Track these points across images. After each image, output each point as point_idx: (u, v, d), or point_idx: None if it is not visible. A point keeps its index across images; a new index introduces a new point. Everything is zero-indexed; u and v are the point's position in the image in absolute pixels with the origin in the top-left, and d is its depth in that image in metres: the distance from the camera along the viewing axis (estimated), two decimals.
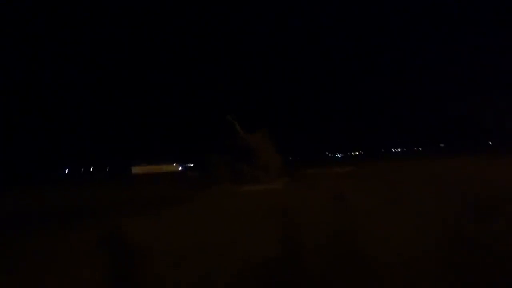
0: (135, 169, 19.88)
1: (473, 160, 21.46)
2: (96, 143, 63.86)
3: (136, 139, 72.54)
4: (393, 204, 6.93)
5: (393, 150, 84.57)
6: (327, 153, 70.10)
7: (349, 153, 74.59)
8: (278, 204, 8.22)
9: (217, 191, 12.16)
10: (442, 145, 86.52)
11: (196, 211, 8.10)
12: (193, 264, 3.71)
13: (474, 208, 5.57)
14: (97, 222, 6.49)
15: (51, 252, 4.65)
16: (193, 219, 6.86)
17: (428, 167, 19.23)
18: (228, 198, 10.37)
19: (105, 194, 13.82)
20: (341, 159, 60.74)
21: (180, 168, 21.93)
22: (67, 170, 47.62)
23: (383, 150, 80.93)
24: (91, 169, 48.74)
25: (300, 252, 3.93)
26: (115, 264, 3.69)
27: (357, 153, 74.68)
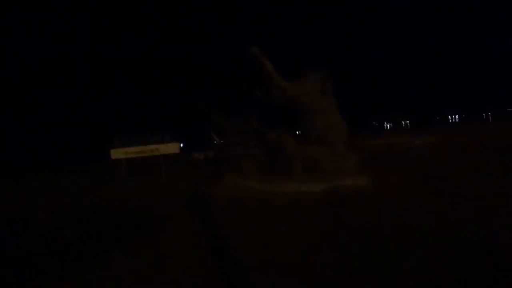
0: (116, 153, 14.31)
1: None
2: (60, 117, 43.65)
3: (116, 105, 47.22)
4: None
5: (450, 117, 71.63)
6: (374, 122, 59.35)
7: (402, 122, 63.22)
8: None
9: (226, 195, 6.16)
10: (510, 109, 70.65)
11: None
12: None
13: None
14: None
15: None
16: None
17: None
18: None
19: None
20: (393, 128, 50.74)
21: (180, 149, 16.09)
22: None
23: (438, 118, 68.43)
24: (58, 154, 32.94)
25: None
26: None
27: (408, 121, 63.57)
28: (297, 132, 8.80)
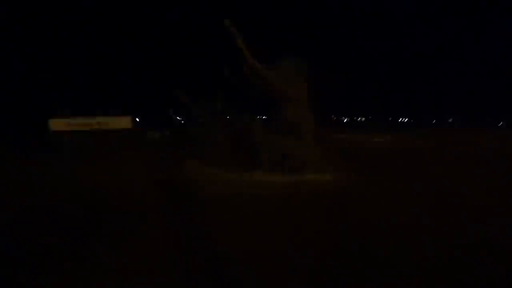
0: (56, 124, 12.34)
1: None
2: None
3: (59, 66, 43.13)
4: None
5: (400, 119, 77.64)
6: (332, 116, 61.39)
7: (355, 118, 66.61)
8: None
9: (188, 180, 5.45)
10: (450, 120, 78.71)
11: None
12: None
13: None
14: None
15: None
16: None
17: None
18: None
19: None
20: (349, 123, 53.29)
21: (133, 124, 14.34)
22: None
23: (390, 118, 73.64)
24: None
25: None
26: None
27: (363, 119, 67.36)
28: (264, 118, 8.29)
